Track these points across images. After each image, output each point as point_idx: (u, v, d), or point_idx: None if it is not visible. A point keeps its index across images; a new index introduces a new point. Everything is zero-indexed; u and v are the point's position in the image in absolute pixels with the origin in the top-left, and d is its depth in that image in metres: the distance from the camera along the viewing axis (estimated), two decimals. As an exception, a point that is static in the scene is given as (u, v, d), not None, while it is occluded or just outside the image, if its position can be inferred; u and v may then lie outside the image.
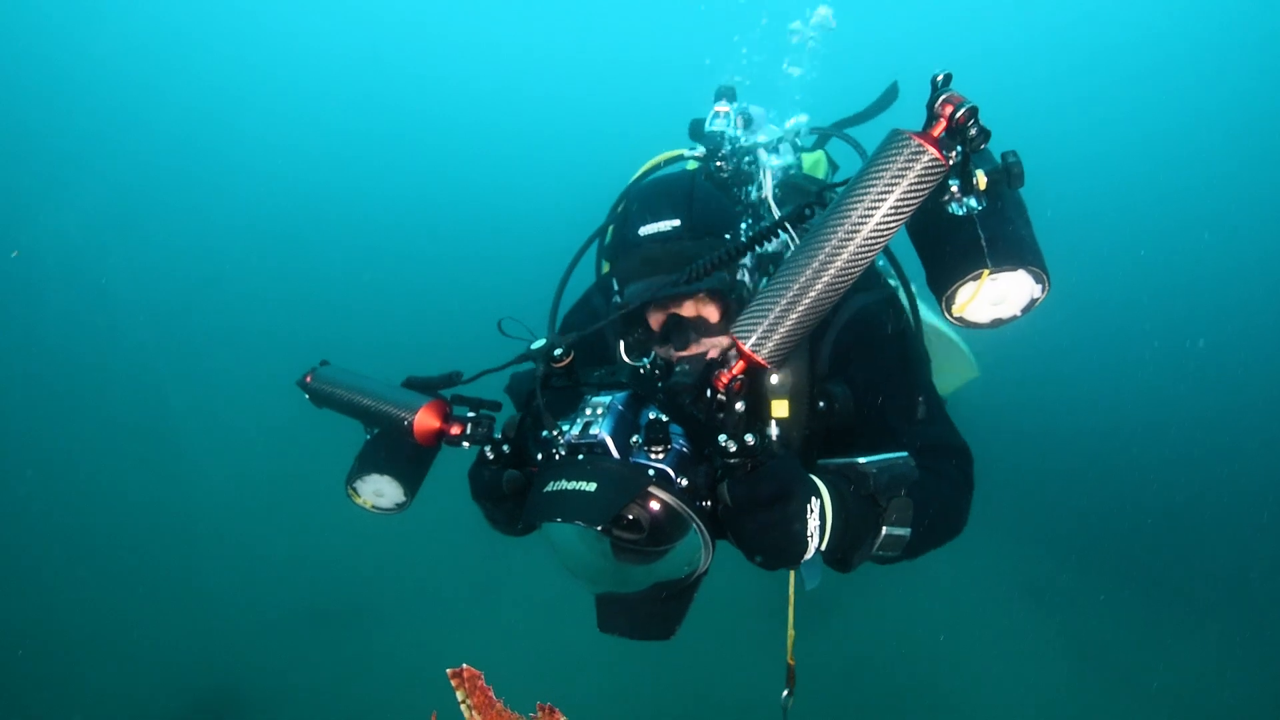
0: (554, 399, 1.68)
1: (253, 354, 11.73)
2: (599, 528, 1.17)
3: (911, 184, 1.20)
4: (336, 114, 19.83)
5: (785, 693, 1.38)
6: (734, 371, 1.29)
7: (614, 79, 22.52)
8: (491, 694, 0.93)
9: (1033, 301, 1.45)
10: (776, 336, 1.26)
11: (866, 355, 1.70)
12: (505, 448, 1.48)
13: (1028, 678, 5.95)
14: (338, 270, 15.53)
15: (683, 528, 1.23)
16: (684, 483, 1.20)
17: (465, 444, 1.65)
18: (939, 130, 1.24)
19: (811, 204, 1.51)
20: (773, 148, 2.30)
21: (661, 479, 1.18)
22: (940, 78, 1.27)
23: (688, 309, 1.68)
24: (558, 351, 1.45)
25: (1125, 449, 9.64)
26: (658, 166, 2.43)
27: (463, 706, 0.93)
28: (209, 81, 18.08)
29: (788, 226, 1.52)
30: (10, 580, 6.80)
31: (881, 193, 1.20)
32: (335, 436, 1.89)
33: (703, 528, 1.18)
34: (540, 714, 0.94)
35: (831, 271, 1.23)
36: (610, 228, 2.17)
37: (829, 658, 5.79)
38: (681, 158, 2.34)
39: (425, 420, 1.67)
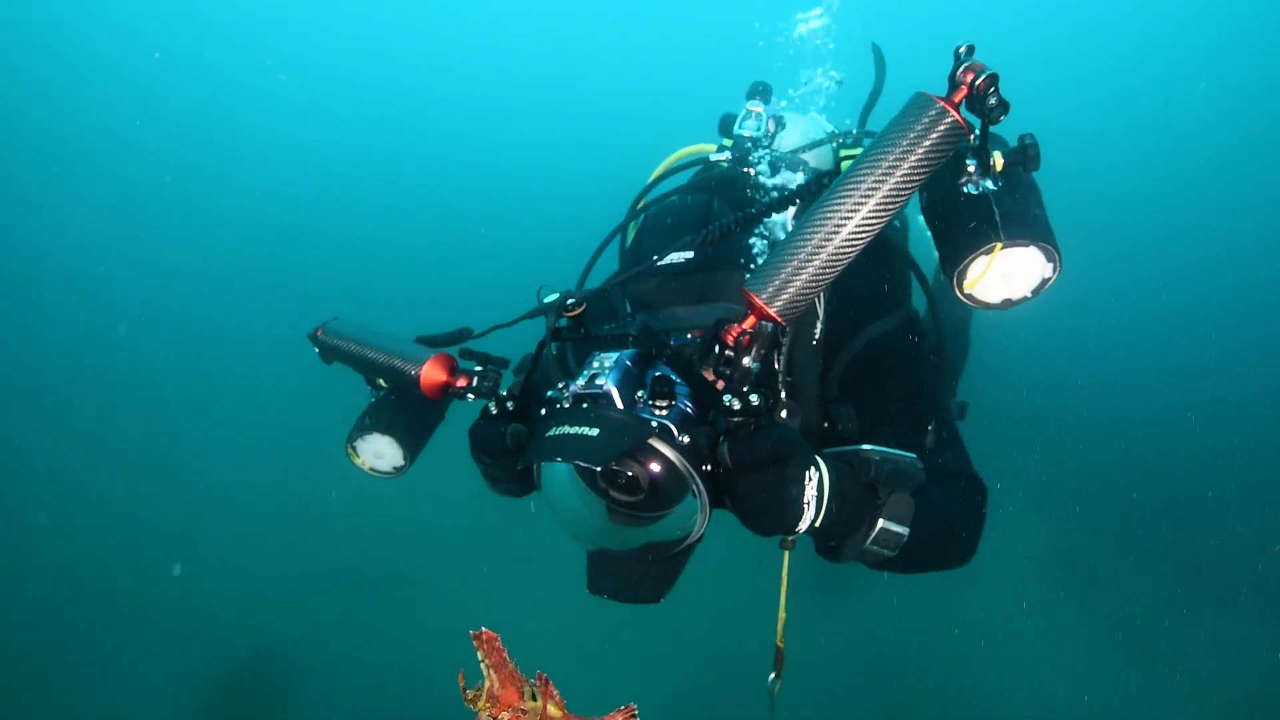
0: (560, 359, 1.63)
1: (270, 326, 11.68)
2: (598, 469, 1.18)
3: (932, 146, 1.20)
4: (340, 106, 19.41)
5: (772, 676, 1.34)
6: (744, 325, 1.26)
7: (637, 59, 21.83)
8: (505, 654, 0.99)
9: (1044, 282, 1.43)
10: (790, 291, 1.24)
11: (876, 381, 1.68)
12: (509, 405, 1.46)
13: (1063, 656, 5.91)
14: (340, 264, 15.29)
15: (681, 492, 1.22)
16: (685, 440, 1.18)
17: (470, 396, 1.65)
18: (960, 97, 1.25)
19: (831, 173, 1.51)
20: (796, 160, 2.20)
21: (664, 433, 1.17)
22: (963, 49, 1.28)
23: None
24: (570, 301, 1.44)
25: (1162, 425, 9.41)
26: (683, 162, 2.34)
27: (482, 665, 0.99)
28: (213, 76, 17.85)
29: (799, 200, 1.52)
30: (50, 559, 7.13)
31: (902, 153, 1.21)
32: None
33: (701, 488, 1.17)
34: (537, 683, 0.99)
35: (848, 230, 1.22)
36: (630, 225, 2.11)
37: (851, 640, 5.79)
38: (707, 159, 2.20)
39: (431, 373, 1.67)
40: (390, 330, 1.80)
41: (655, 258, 1.65)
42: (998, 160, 1.37)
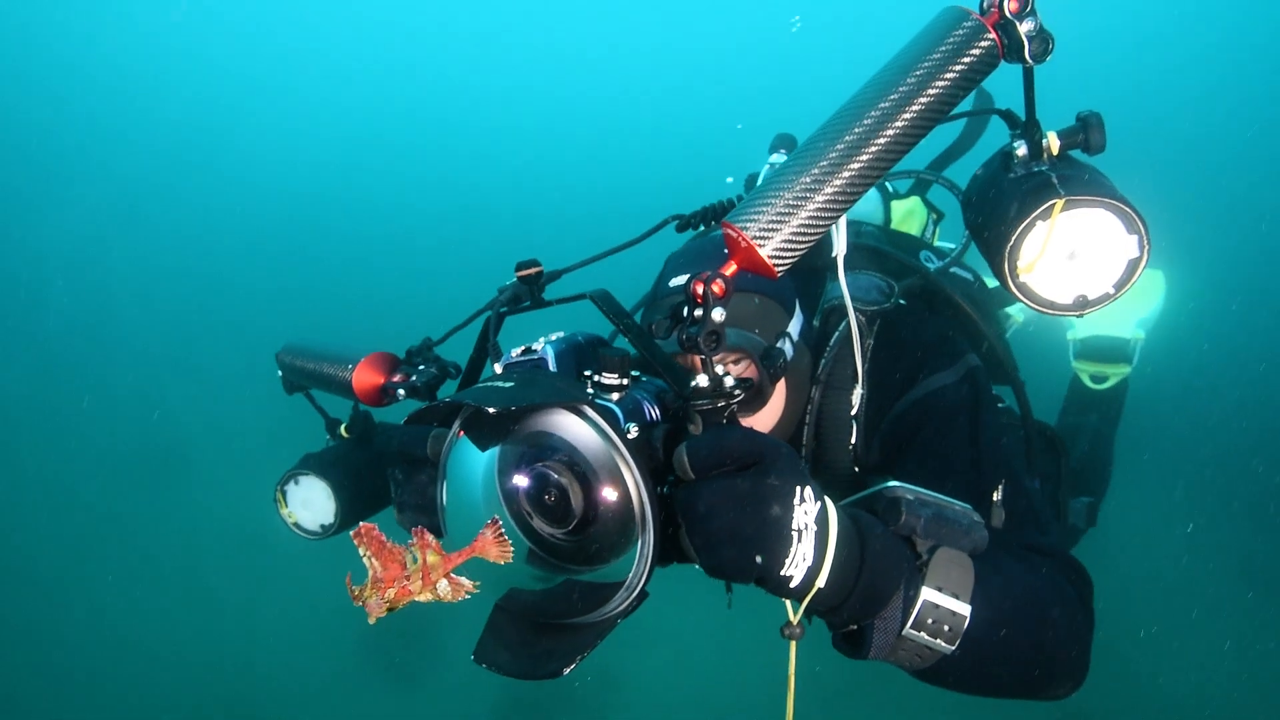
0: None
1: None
2: (526, 475, 0.96)
3: (966, 67, 0.99)
4: (343, 112, 18.63)
5: None
6: (721, 269, 0.94)
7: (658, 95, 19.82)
8: (384, 539, 0.96)
9: (1131, 265, 1.06)
10: (784, 231, 0.95)
11: (924, 444, 1.37)
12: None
13: (1248, 672, 5.30)
14: (345, 271, 14.79)
15: (623, 536, 0.91)
16: (633, 431, 0.89)
17: (401, 393, 1.47)
18: (992, 21, 1.03)
19: None
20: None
21: (604, 414, 0.87)
22: None
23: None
24: (521, 263, 1.25)
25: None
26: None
27: (364, 560, 0.97)
28: (213, 79, 17.55)
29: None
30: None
31: (929, 71, 0.98)
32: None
33: (646, 504, 0.84)
34: (414, 538, 0.96)
35: (860, 161, 0.97)
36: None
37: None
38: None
39: (366, 375, 1.50)
40: (353, 343, 1.63)
41: (670, 282, 1.43)
42: (1052, 141, 1.12)
